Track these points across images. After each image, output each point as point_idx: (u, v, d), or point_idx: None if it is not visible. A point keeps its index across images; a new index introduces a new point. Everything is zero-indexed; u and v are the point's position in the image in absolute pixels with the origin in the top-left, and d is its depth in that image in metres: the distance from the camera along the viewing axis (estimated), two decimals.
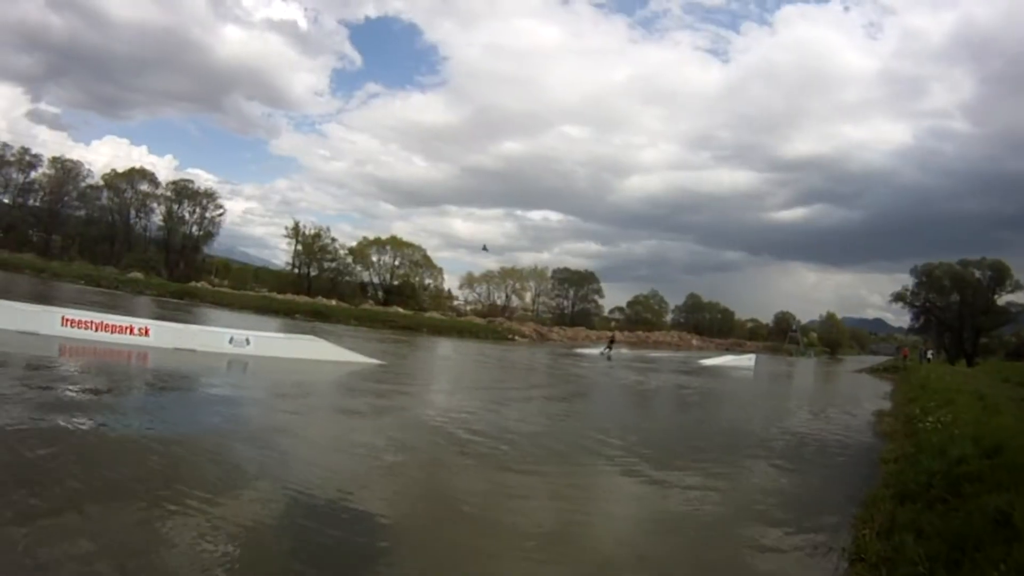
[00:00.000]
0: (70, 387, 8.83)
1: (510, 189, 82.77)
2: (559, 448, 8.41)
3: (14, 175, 51.66)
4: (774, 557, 5.12)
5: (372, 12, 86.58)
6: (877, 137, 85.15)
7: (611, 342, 29.99)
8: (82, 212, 53.45)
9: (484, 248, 60.28)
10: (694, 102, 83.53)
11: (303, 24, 74.31)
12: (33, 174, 52.07)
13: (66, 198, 52.62)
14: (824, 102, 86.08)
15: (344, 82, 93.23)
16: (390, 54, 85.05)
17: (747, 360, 33.41)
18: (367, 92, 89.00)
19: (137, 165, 55.23)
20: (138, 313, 19.41)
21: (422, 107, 79.07)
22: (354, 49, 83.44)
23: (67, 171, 52.36)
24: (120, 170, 53.71)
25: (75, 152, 69.96)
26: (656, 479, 7.20)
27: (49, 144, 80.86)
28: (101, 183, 53.00)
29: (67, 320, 13.78)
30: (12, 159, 51.30)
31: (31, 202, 52.73)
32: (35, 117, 74.27)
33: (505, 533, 5.08)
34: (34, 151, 52.52)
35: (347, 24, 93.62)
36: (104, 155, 76.56)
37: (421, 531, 4.96)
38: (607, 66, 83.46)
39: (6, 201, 52.25)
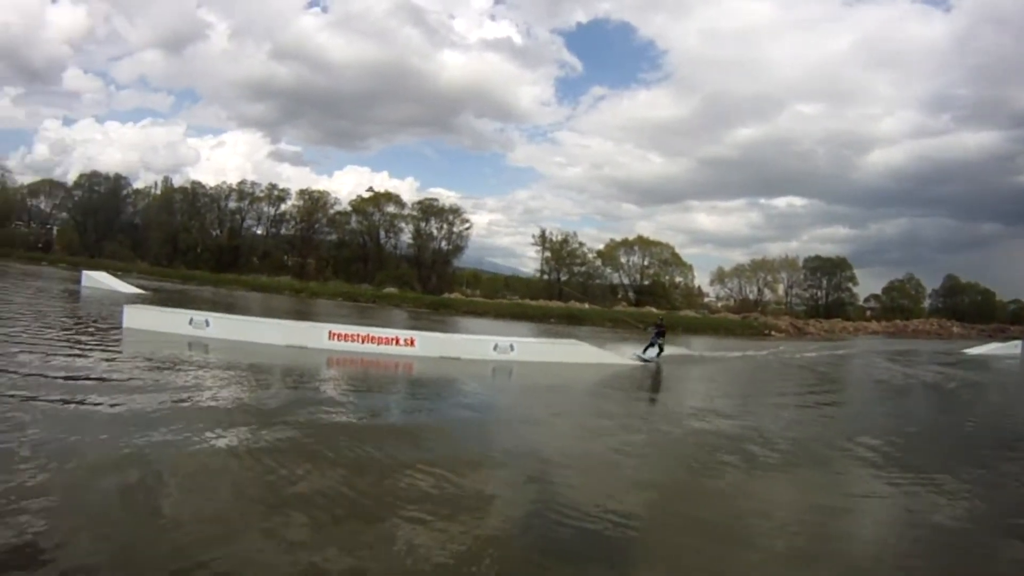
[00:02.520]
0: (341, 390, 9.60)
1: (750, 177, 75.37)
2: (816, 452, 7.96)
3: (266, 209, 59.85)
4: None
5: (582, 17, 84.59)
6: None
7: (659, 334, 17.26)
8: (333, 236, 60.04)
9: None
10: (923, 60, 68.08)
11: (518, 39, 75.96)
12: (283, 207, 59.82)
13: (316, 225, 59.53)
14: None
15: (568, 89, 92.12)
16: (609, 55, 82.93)
17: (1013, 348, 29.52)
18: (593, 96, 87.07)
19: (381, 190, 59.48)
20: (397, 325, 19.57)
21: (650, 103, 75.76)
22: (572, 55, 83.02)
23: (315, 201, 59.28)
24: (365, 195, 58.89)
25: (320, 184, 78.70)
26: (917, 489, 6.50)
27: (294, 179, 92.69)
28: (349, 209, 58.85)
29: (334, 334, 13.79)
30: (262, 195, 59.47)
31: (283, 231, 60.58)
32: (277, 157, 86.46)
33: (754, 540, 4.84)
34: (281, 186, 60.32)
35: (561, 32, 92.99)
36: (347, 183, 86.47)
37: (664, 531, 4.90)
38: (826, 34, 72.40)
39: (260, 232, 60.75)
